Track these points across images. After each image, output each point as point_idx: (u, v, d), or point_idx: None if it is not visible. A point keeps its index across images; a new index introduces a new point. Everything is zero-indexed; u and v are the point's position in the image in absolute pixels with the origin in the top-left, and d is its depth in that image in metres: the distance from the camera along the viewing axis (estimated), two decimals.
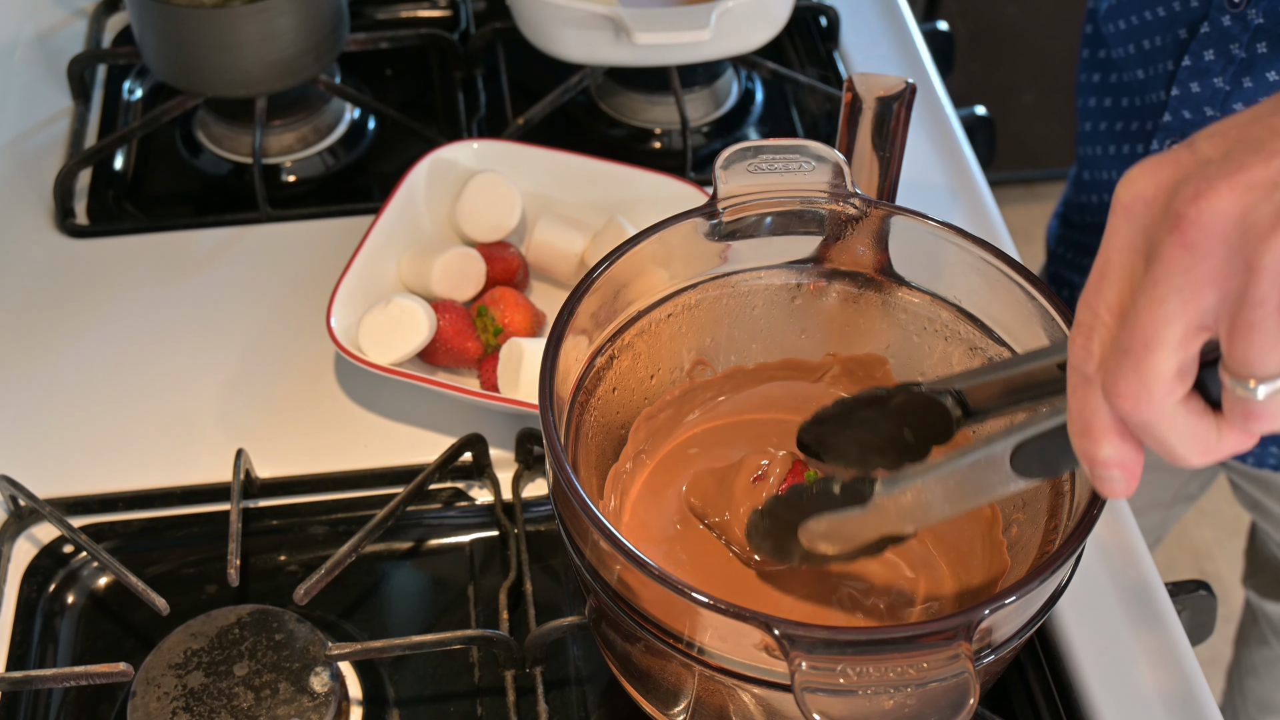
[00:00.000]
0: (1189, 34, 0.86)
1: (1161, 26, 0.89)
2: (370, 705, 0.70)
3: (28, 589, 0.75)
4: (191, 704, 0.66)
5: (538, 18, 0.97)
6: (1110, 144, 0.96)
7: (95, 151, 0.99)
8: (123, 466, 0.80)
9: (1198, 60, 0.85)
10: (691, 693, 0.58)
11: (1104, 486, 0.44)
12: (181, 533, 0.78)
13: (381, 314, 0.81)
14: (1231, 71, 0.83)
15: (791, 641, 0.48)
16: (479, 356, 0.83)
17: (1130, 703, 0.70)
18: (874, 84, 0.73)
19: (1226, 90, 0.84)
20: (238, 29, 0.93)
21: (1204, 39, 0.84)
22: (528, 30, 1.00)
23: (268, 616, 0.69)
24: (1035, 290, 0.61)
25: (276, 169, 1.03)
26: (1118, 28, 0.94)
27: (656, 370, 0.69)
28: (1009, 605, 0.51)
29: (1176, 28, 0.87)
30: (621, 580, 0.55)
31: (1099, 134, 0.98)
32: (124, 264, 0.93)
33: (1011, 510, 0.65)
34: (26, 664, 0.72)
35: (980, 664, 0.53)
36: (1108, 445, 0.43)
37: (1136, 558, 0.76)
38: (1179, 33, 0.87)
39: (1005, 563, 0.63)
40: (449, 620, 0.75)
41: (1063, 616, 0.73)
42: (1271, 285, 0.37)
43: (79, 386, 0.85)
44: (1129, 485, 0.44)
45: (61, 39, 1.11)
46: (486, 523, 0.79)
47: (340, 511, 0.79)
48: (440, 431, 0.82)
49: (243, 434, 0.82)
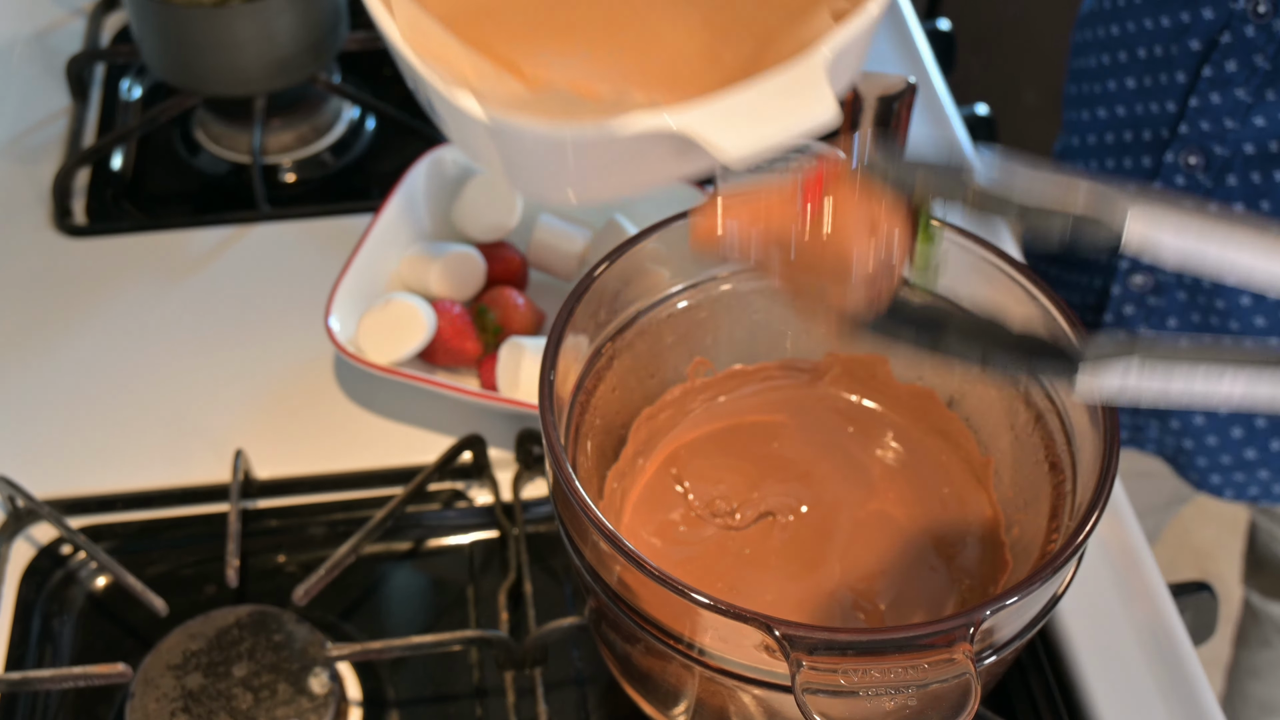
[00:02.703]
0: (1204, 45, 0.84)
1: (1165, 36, 0.87)
2: (369, 706, 0.70)
3: (26, 589, 0.75)
4: (190, 705, 0.65)
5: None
6: (1108, 157, 0.94)
7: (94, 151, 0.99)
8: (121, 467, 0.80)
9: (1219, 71, 0.83)
10: (692, 694, 0.57)
11: None
12: (180, 533, 0.78)
13: (381, 314, 0.81)
14: (1255, 83, 0.82)
15: (792, 642, 0.48)
16: (479, 356, 0.83)
17: (1132, 704, 0.70)
18: (875, 83, 0.73)
19: (1249, 102, 0.83)
20: (236, 28, 0.93)
21: (1225, 49, 0.83)
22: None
23: (267, 617, 0.69)
24: (1036, 290, 0.60)
25: (275, 168, 1.03)
26: (1095, 35, 0.93)
27: (656, 370, 0.69)
28: (1010, 606, 0.50)
29: (1186, 38, 0.85)
30: (621, 581, 0.55)
31: (1089, 148, 0.96)
32: (122, 264, 0.93)
33: (1013, 510, 0.65)
34: (25, 665, 0.71)
35: (982, 665, 0.53)
36: None
37: (1138, 558, 0.76)
38: (1190, 44, 0.85)
39: (1007, 563, 0.63)
40: (448, 621, 0.75)
41: (1064, 617, 0.73)
42: None
43: (77, 386, 0.85)
44: None
45: (60, 38, 1.11)
46: (486, 523, 0.79)
47: (339, 512, 0.79)
48: (440, 431, 0.82)
49: (241, 434, 0.82)
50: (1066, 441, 0.60)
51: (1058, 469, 0.61)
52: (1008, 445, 0.65)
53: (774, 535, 0.66)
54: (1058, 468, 0.60)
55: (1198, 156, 0.85)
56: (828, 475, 0.68)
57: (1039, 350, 0.50)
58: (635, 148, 0.53)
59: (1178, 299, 0.91)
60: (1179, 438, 0.97)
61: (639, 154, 0.54)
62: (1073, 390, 0.50)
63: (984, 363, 0.51)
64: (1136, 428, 0.99)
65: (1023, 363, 0.51)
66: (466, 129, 0.55)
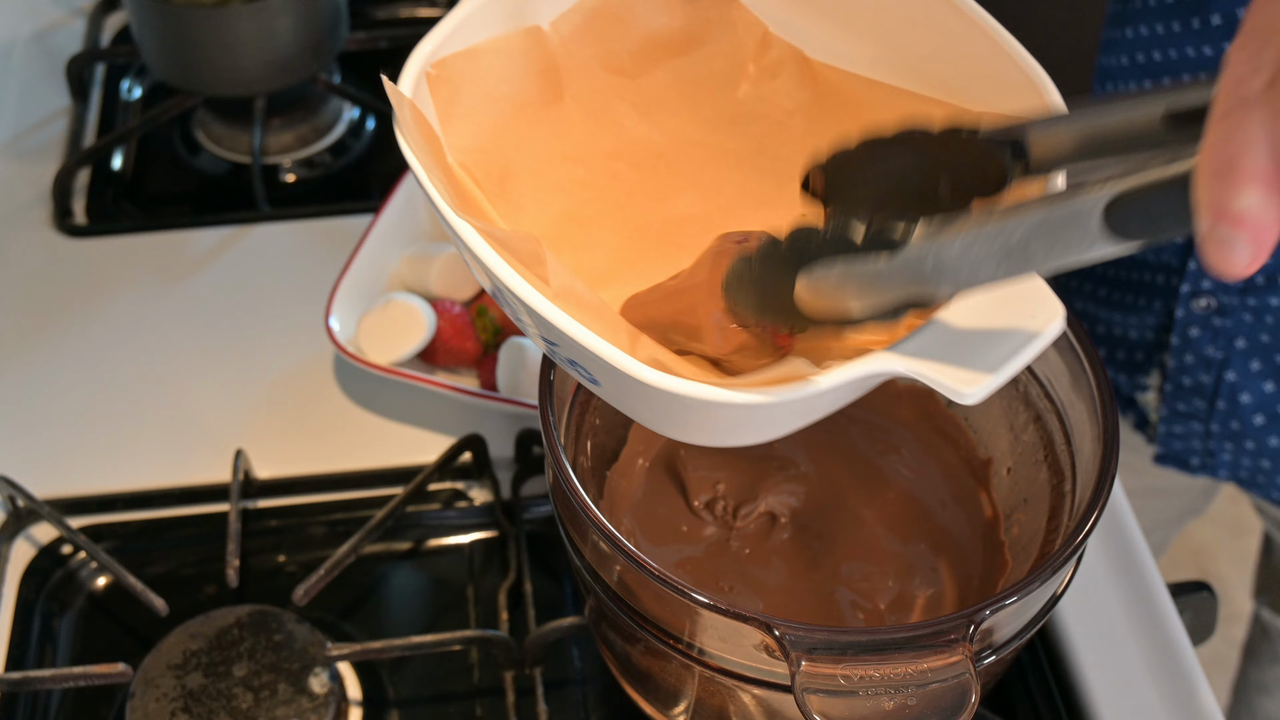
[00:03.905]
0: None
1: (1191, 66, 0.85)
2: (369, 706, 0.70)
3: (26, 589, 0.75)
4: (190, 705, 0.65)
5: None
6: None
7: (94, 151, 0.99)
8: (121, 467, 0.80)
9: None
10: (691, 693, 0.57)
11: (1222, 253, 0.34)
12: (180, 533, 0.78)
13: (381, 314, 0.81)
14: None
15: (792, 642, 0.48)
16: (479, 356, 0.83)
17: (1131, 704, 0.70)
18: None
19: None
20: (237, 28, 0.93)
21: None
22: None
23: (267, 617, 0.69)
24: None
25: (275, 168, 1.03)
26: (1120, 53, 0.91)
27: None
28: (1010, 605, 0.50)
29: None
30: (621, 581, 0.55)
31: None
32: (122, 264, 0.93)
33: (1013, 510, 0.65)
34: (25, 665, 0.72)
35: (981, 665, 0.53)
36: (1250, 193, 0.33)
37: (1138, 558, 0.76)
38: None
39: (1006, 563, 0.63)
40: (448, 621, 0.75)
41: (1064, 617, 0.73)
42: None
43: (77, 386, 0.85)
44: (1255, 257, 0.33)
45: (60, 38, 1.11)
46: (486, 523, 0.79)
47: (339, 512, 0.79)
48: (440, 431, 0.82)
49: (241, 434, 0.82)
50: (1066, 441, 0.60)
51: (1057, 469, 0.61)
52: (1007, 445, 0.65)
53: (774, 535, 0.66)
54: (1057, 468, 0.61)
55: None
56: (828, 475, 0.68)
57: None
58: (837, 393, 0.47)
59: (1244, 320, 0.89)
60: (1255, 458, 0.95)
61: (835, 398, 0.49)
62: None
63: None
64: (1209, 453, 0.97)
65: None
66: (642, 396, 0.49)
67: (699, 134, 0.60)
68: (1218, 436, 0.95)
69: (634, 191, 0.59)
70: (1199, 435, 0.96)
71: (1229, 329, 0.90)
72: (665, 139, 0.60)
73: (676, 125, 0.60)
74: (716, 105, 0.60)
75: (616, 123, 0.59)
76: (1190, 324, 0.91)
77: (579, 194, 0.58)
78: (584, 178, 0.59)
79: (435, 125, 0.54)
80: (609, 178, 0.59)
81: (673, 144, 0.60)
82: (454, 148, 0.55)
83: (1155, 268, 0.93)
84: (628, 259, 0.57)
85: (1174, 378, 0.94)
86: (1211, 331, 0.90)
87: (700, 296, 0.51)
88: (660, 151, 0.60)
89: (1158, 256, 0.92)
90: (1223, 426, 0.94)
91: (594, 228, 0.58)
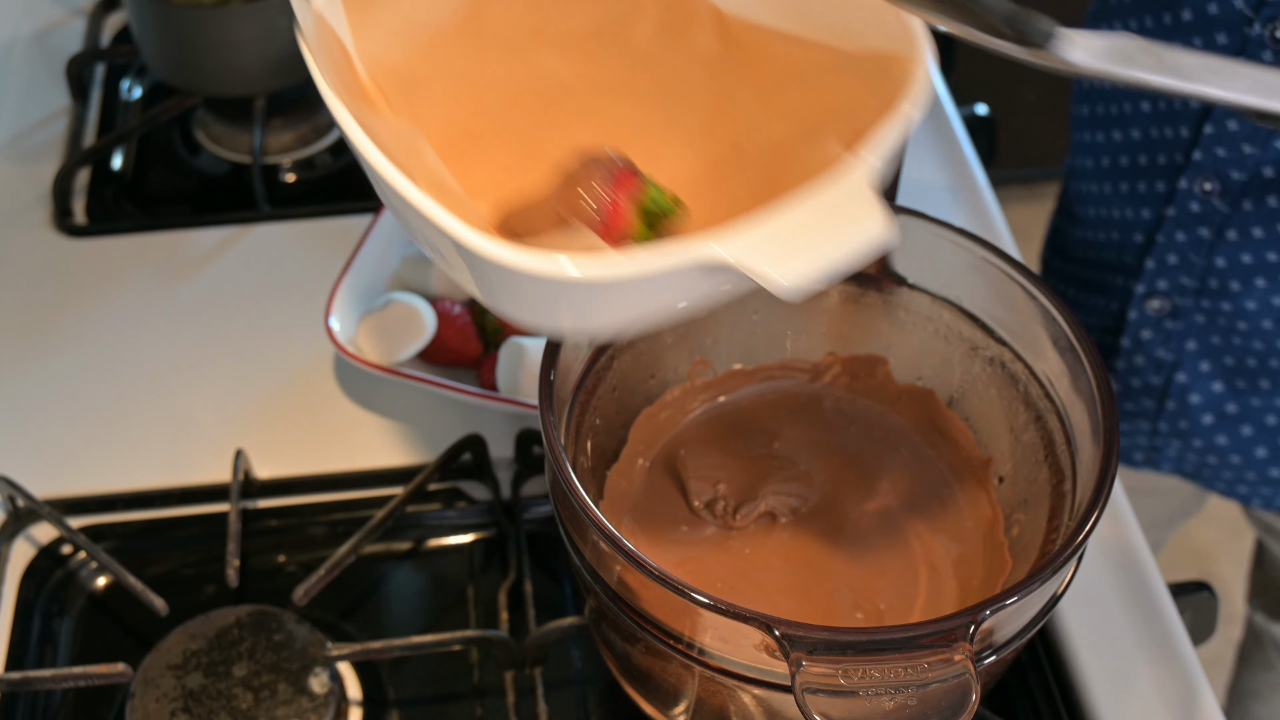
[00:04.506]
0: None
1: None
2: (370, 706, 0.70)
3: (26, 589, 0.75)
4: (190, 705, 0.65)
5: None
6: (1122, 181, 0.92)
7: (94, 151, 0.99)
8: (121, 467, 0.80)
9: None
10: (692, 693, 0.57)
11: None
12: (180, 533, 0.78)
13: (381, 314, 0.81)
14: None
15: (792, 642, 0.48)
16: (479, 356, 0.83)
17: (1132, 704, 0.70)
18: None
19: (1268, 128, 0.81)
20: (237, 27, 0.93)
21: None
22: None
23: (267, 617, 0.69)
24: (1036, 289, 0.60)
25: (276, 168, 1.03)
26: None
27: (656, 370, 0.69)
28: (1010, 605, 0.50)
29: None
30: (621, 581, 0.55)
31: (1101, 170, 0.94)
32: (122, 264, 0.93)
33: (1013, 510, 0.65)
34: (25, 665, 0.72)
35: (981, 665, 0.53)
36: None
37: (1138, 558, 0.76)
38: None
39: (1007, 563, 0.63)
40: (448, 621, 0.75)
41: (1064, 617, 0.73)
42: None
43: (77, 386, 0.85)
44: None
45: (60, 38, 1.11)
46: (486, 523, 0.79)
47: (339, 512, 0.79)
48: (440, 431, 0.82)
49: (242, 434, 0.82)
50: (1066, 442, 0.60)
51: (1057, 469, 0.61)
52: (1008, 445, 0.65)
53: (774, 535, 0.66)
54: (1057, 468, 0.61)
55: (1213, 182, 0.84)
56: (828, 475, 0.68)
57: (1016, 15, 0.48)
58: (661, 282, 0.47)
59: (1196, 322, 0.89)
60: (1202, 454, 0.96)
61: (661, 288, 0.48)
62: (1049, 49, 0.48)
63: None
64: (1154, 449, 0.98)
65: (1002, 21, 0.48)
66: (454, 253, 0.49)
67: (608, 75, 0.62)
68: (1165, 434, 0.97)
69: (535, 120, 0.61)
70: (1145, 433, 0.98)
71: (1180, 331, 0.90)
72: (575, 76, 0.62)
73: (588, 66, 0.62)
74: (630, 51, 0.62)
75: (529, 56, 0.61)
76: (1143, 326, 0.92)
77: (480, 115, 0.60)
78: (488, 102, 0.61)
79: (346, 36, 0.56)
80: (512, 105, 0.61)
81: (581, 82, 0.62)
82: (364, 57, 0.57)
83: (1115, 268, 0.93)
84: (512, 177, 0.59)
85: (1123, 379, 0.95)
86: (1164, 334, 0.91)
87: (546, 205, 0.55)
88: (569, 88, 0.62)
89: (1119, 256, 0.93)
90: (1171, 425, 0.95)
91: (487, 145, 0.60)
